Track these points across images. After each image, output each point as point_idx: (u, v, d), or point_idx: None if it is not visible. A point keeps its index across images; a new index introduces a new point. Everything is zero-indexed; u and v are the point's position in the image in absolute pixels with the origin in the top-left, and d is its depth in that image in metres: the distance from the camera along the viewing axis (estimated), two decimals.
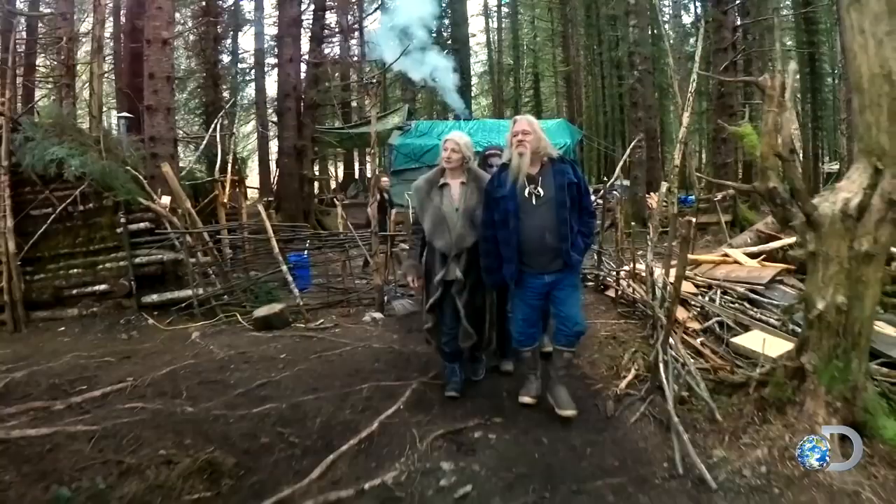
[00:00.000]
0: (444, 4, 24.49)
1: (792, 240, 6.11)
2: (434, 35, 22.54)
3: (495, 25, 29.33)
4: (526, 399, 3.00)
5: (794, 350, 2.69)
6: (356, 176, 25.94)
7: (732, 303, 4.43)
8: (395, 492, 2.26)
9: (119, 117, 6.99)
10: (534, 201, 2.75)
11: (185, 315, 5.49)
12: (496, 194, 2.82)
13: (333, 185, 23.31)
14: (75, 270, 5.90)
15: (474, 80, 29.60)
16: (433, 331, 3.19)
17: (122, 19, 11.33)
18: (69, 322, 5.80)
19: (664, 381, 2.91)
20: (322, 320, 4.96)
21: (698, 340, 3.81)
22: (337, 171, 26.51)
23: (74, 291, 5.86)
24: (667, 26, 19.04)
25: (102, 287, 5.76)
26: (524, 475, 2.40)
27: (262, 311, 4.86)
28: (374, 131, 5.30)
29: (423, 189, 3.09)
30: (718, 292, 4.64)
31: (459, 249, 2.97)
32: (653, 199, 11.82)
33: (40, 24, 12.29)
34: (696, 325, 4.13)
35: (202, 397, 3.39)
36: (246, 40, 18.88)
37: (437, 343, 3.22)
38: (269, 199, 10.60)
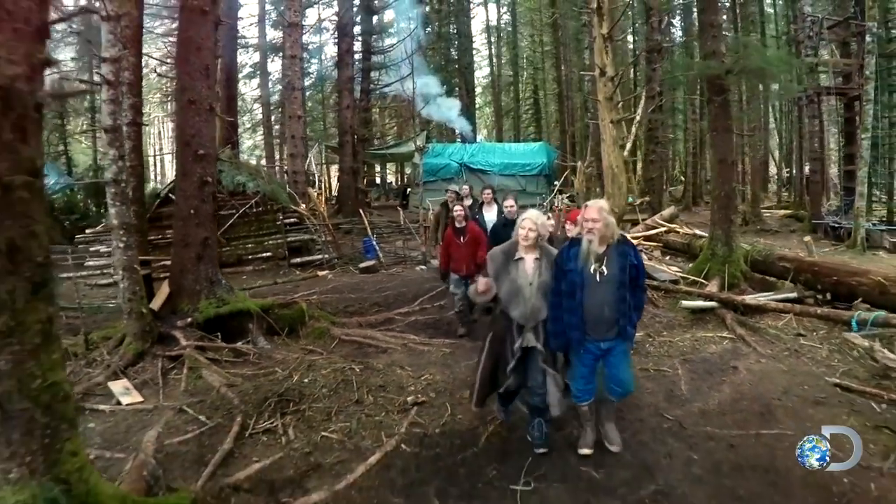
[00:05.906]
0: (453, 30, 28.83)
1: (659, 230, 10.70)
2: (444, 64, 27.07)
3: (495, 40, 32.71)
4: (585, 451, 3.26)
5: None
6: (377, 181, 30.73)
7: None
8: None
9: (259, 158, 11.57)
10: (598, 278, 3.01)
11: (315, 269, 10.03)
12: (565, 267, 3.09)
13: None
14: (250, 245, 10.46)
15: (478, 90, 33.26)
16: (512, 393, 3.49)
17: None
18: (248, 273, 10.34)
19: None
20: (395, 269, 9.51)
21: None
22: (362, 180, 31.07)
23: (249, 257, 10.42)
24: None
25: (267, 254, 10.33)
26: None
27: (364, 264, 9.40)
28: (421, 166, 9.81)
29: (499, 259, 3.30)
30: None
31: (536, 321, 3.22)
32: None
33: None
34: None
35: (356, 292, 7.90)
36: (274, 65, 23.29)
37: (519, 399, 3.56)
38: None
